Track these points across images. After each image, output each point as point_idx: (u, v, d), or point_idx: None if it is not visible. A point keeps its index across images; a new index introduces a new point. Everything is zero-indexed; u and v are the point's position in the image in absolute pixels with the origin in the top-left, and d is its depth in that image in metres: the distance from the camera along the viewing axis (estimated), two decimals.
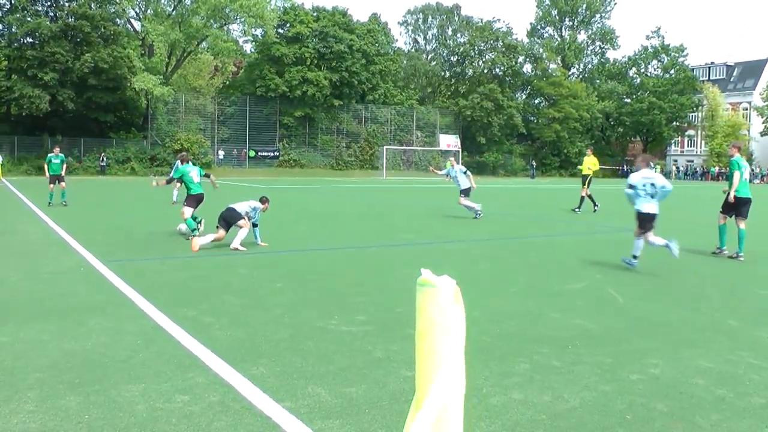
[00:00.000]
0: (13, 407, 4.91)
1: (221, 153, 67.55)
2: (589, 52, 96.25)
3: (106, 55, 53.37)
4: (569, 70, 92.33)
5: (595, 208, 23.91)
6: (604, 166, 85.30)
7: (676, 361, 6.28)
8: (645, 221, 11.61)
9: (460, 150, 74.61)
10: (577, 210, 23.81)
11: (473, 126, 79.12)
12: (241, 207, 13.60)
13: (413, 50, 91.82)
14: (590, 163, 25.16)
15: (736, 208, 13.51)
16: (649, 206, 11.61)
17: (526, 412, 4.99)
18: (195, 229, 14.72)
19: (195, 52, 67.17)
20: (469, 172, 21.14)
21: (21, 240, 14.38)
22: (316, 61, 68.86)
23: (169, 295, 8.74)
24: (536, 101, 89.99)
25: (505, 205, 28.14)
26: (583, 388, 5.51)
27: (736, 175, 13.40)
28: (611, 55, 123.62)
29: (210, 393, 5.24)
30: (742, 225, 13.37)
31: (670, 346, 6.83)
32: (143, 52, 62.26)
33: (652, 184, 11.63)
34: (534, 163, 77.91)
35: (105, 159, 56.28)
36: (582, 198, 24.11)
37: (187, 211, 14.93)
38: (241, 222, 13.35)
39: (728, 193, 13.59)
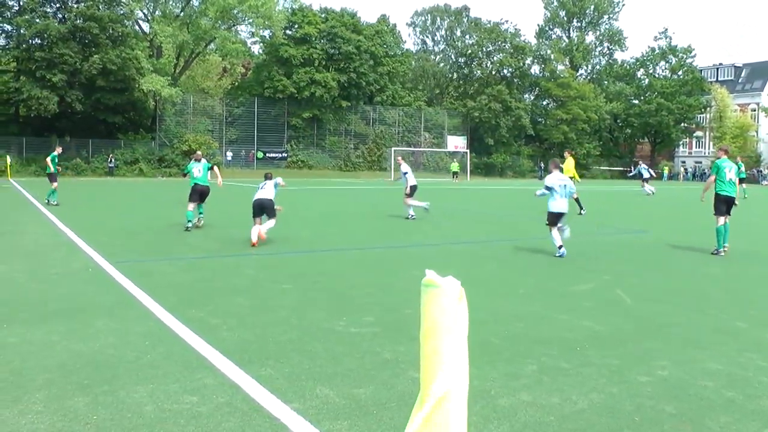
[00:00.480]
0: (21, 408, 4.92)
1: (229, 154, 67.55)
2: (597, 53, 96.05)
3: (115, 56, 53.47)
4: (577, 71, 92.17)
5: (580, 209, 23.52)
6: (612, 168, 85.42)
7: (684, 363, 6.26)
8: (557, 218, 13.06)
9: (468, 151, 74.51)
10: (582, 212, 23.50)
11: (481, 127, 79.08)
12: (270, 193, 14.36)
13: (421, 51, 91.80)
14: (571, 165, 24.58)
15: (728, 207, 13.93)
16: (560, 205, 13.08)
17: (534, 414, 4.98)
18: (190, 221, 16.54)
19: (203, 53, 67.28)
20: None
21: (29, 240, 14.42)
22: (324, 62, 68.88)
23: (177, 296, 8.76)
24: (544, 102, 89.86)
25: (512, 207, 28.11)
26: (592, 390, 5.50)
27: (711, 178, 14.26)
28: (619, 56, 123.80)
29: (218, 394, 5.25)
30: (728, 221, 13.94)
31: (678, 347, 6.81)
32: (151, 53, 62.35)
33: (564, 186, 13.21)
34: (542, 165, 77.63)
35: (113, 160, 56.33)
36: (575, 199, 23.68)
37: (189, 206, 16.76)
38: (271, 217, 14.16)
39: (701, 196, 14.89)
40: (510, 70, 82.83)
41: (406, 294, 9.05)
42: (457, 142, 77.19)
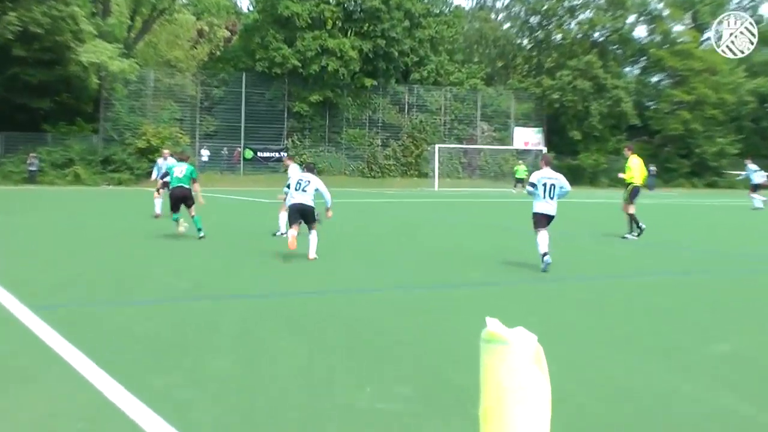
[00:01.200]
0: None
1: (205, 153, 67.72)
2: (733, 7, 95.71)
3: (41, 14, 53.77)
4: (703, 33, 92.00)
5: (639, 230, 23.25)
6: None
7: None
8: (540, 220, 15.75)
9: (544, 149, 74.15)
10: (631, 236, 23.16)
11: (563, 115, 79.08)
12: (310, 196, 17.02)
13: (478, 9, 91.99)
14: (634, 167, 24.15)
15: None
16: (543, 206, 15.78)
17: None
18: (177, 219, 20.30)
19: (169, 10, 67.63)
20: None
21: None
22: (340, 24, 69.18)
23: (129, 356, 8.70)
24: (654, 79, 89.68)
25: (606, 229, 28.00)
26: None
27: None
28: (766, 11, 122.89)
29: None
30: None
31: None
32: (95, 11, 62.85)
33: (552, 185, 15.75)
34: (653, 169, 76.48)
35: (36, 162, 56.45)
36: (632, 217, 23.44)
37: (173, 214, 20.41)
38: (314, 224, 16.97)
39: None
40: (604, 33, 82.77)
41: (457, 354, 8.96)
42: (527, 137, 77.13)
